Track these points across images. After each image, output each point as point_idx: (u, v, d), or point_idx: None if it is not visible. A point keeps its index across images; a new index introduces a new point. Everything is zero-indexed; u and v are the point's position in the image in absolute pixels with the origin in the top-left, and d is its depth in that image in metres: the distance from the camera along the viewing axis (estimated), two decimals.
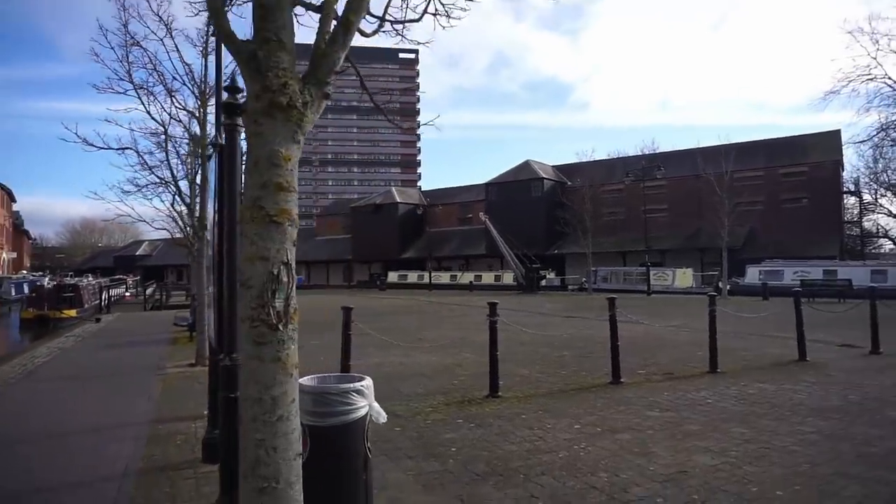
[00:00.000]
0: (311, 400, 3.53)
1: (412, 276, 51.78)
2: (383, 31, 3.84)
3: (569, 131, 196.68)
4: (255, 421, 2.43)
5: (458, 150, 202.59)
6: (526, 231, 45.63)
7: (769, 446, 5.41)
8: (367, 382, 3.71)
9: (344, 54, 2.78)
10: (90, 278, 42.20)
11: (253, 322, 2.45)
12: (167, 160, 10.75)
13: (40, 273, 56.66)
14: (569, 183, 47.99)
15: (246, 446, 2.46)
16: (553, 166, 52.90)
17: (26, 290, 34.63)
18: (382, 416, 3.82)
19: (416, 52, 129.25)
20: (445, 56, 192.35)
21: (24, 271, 62.21)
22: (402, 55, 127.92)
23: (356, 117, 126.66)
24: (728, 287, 30.43)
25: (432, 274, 49.12)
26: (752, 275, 33.24)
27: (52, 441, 6.27)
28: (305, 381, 3.75)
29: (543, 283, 42.63)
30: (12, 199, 70.08)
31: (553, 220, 45.26)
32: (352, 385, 3.60)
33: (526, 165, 51.30)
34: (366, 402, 3.64)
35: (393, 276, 52.90)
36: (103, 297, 29.88)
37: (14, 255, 69.69)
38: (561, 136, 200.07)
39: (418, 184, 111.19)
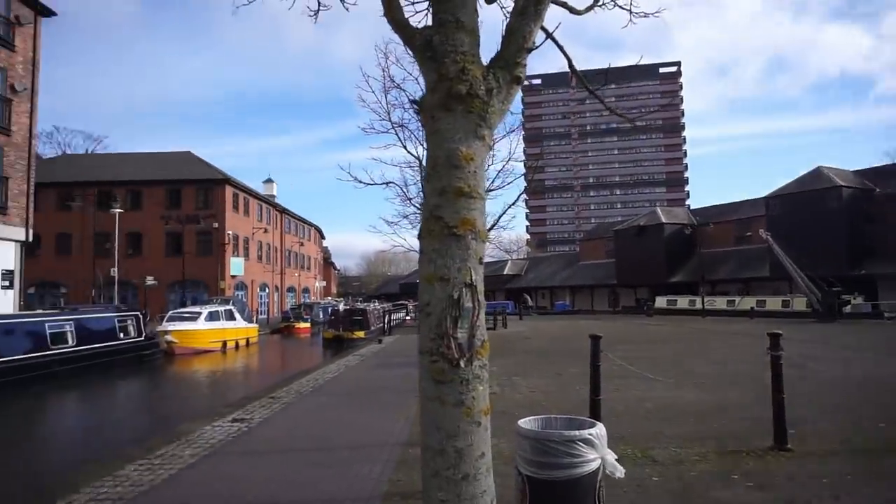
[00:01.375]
0: (530, 447, 3.00)
1: (682, 302, 47.86)
2: (601, 6, 3.22)
3: (872, 130, 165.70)
4: (436, 476, 2.00)
5: (731, 164, 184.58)
6: (819, 249, 38.85)
7: None
8: (599, 430, 3.05)
9: (537, 28, 2.25)
10: (376, 303, 47.68)
11: (432, 356, 2.03)
12: (423, 189, 11.33)
13: (340, 299, 65.94)
14: (877, 190, 39.82)
15: None
16: (853, 171, 44.49)
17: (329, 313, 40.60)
18: (619, 471, 3.11)
19: (677, 64, 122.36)
20: (712, 66, 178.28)
21: (329, 297, 73.17)
22: (662, 69, 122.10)
23: (616, 139, 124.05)
24: None
25: (705, 299, 44.73)
26: None
27: (315, 454, 6.73)
28: (526, 423, 3.23)
29: (847, 309, 35.69)
30: (322, 237, 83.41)
31: (857, 235, 37.78)
32: (577, 433, 2.97)
33: (817, 173, 43.96)
34: (596, 455, 2.97)
35: (661, 302, 49.56)
36: (386, 321, 33.30)
37: (324, 283, 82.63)
38: (860, 137, 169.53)
39: (686, 202, 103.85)
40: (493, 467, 3.99)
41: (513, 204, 12.15)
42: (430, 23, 2.26)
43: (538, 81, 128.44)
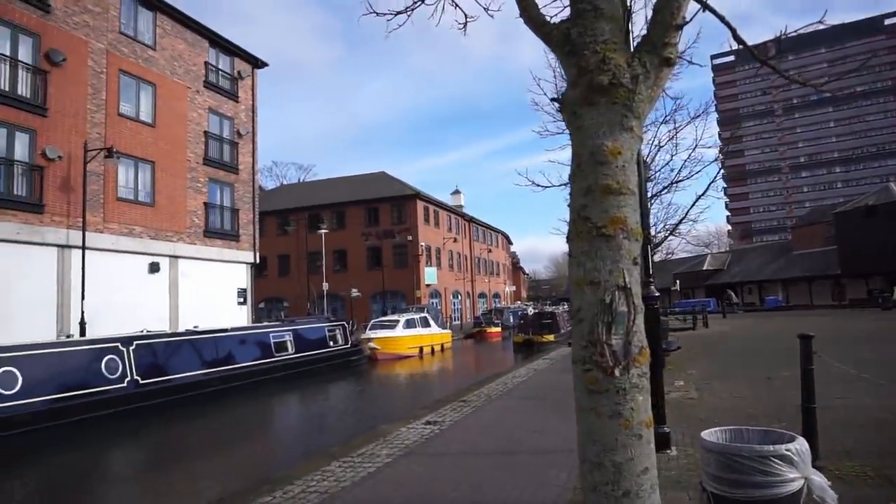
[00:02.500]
0: (714, 461, 2.73)
1: None
2: None
3: None
4: (595, 492, 1.89)
5: None
6: None
7: None
8: (799, 446, 2.67)
9: (686, 1, 2.06)
10: (565, 306, 47.05)
11: (585, 364, 1.94)
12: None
13: (529, 303, 66.21)
14: None
15: None
16: None
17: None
18: (830, 496, 2.69)
19: None
20: None
21: (519, 301, 73.84)
22: (888, 21, 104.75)
23: (832, 109, 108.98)
24: None
25: None
26: None
27: (501, 458, 6.79)
28: (711, 434, 2.95)
29: None
30: (509, 242, 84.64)
31: None
32: (772, 448, 2.63)
33: None
34: (797, 475, 2.61)
35: None
36: None
37: (513, 287, 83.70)
38: None
39: None
40: (687, 483, 3.67)
41: (703, 194, 11.22)
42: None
43: (731, 58, 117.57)
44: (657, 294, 6.79)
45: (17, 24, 17.91)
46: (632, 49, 2.15)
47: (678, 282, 58.41)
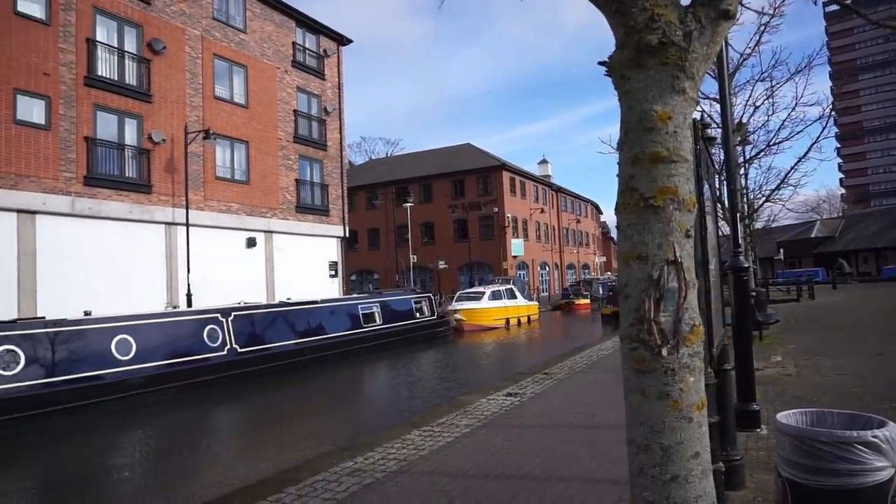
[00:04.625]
0: (790, 445, 2.56)
1: None
2: None
3: None
4: (641, 475, 1.82)
5: None
6: None
7: None
8: (889, 432, 2.44)
9: None
10: None
11: (632, 343, 1.85)
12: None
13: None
14: None
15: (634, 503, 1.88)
16: None
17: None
18: None
19: None
20: None
21: (609, 273, 72.09)
22: None
23: None
24: None
25: None
26: None
27: (579, 431, 6.71)
28: (788, 416, 2.77)
29: None
30: (599, 212, 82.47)
31: None
32: (856, 434, 2.42)
33: None
34: (886, 463, 2.39)
35: None
36: None
37: (603, 258, 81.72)
38: None
39: None
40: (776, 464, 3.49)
41: (804, 156, 10.32)
42: None
43: (848, 1, 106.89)
44: (746, 265, 6.39)
45: (121, 17, 19.15)
46: (686, 4, 1.99)
47: (782, 250, 54.89)
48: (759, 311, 14.08)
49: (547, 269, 56.75)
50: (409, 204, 39.35)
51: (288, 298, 19.08)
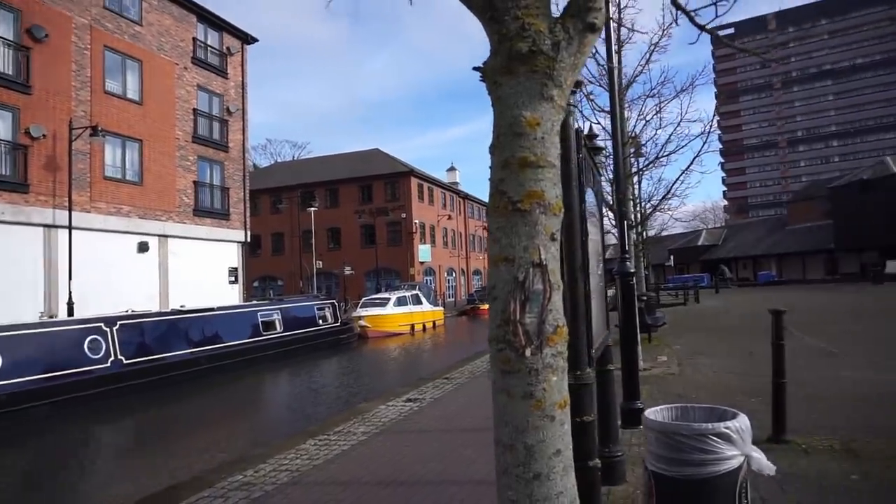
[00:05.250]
0: (656, 440, 2.69)
1: None
2: None
3: None
4: (506, 474, 1.85)
5: None
6: None
7: None
8: (739, 423, 2.63)
9: None
10: None
11: (498, 344, 1.88)
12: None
13: None
14: None
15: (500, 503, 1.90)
16: None
17: None
18: (768, 469, 2.66)
19: None
20: None
21: None
22: None
23: (831, 82, 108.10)
24: None
25: None
26: None
27: (475, 435, 6.77)
28: (655, 412, 2.91)
29: None
30: None
31: None
32: (710, 426, 2.59)
33: None
34: (736, 452, 2.57)
35: (893, 267, 42.54)
36: None
37: None
38: None
39: None
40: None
41: (686, 169, 11.08)
42: None
43: (731, 31, 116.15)
44: (633, 270, 6.74)
45: None
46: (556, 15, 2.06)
47: (672, 257, 58.50)
48: (649, 314, 14.91)
49: (454, 274, 57.40)
50: (313, 208, 38.56)
51: (182, 306, 18.13)
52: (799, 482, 4.52)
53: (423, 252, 48.69)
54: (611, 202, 10.17)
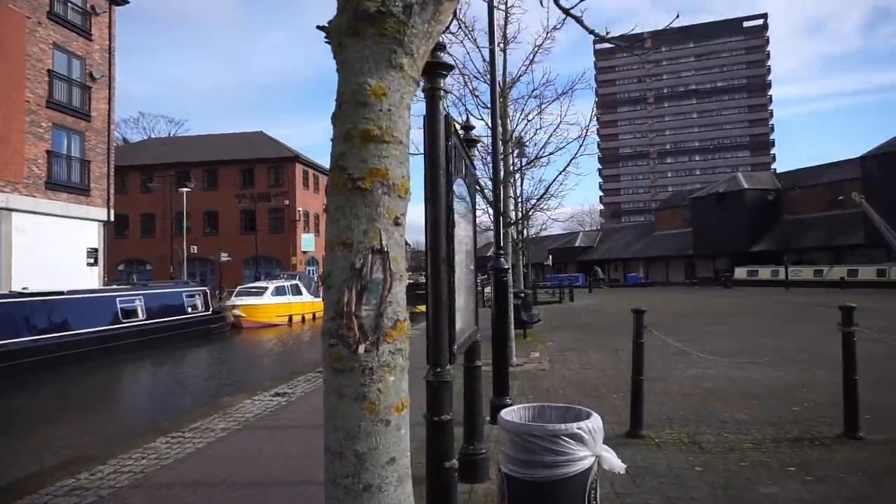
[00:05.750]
0: (510, 441, 2.59)
1: (764, 273, 45.22)
2: None
3: None
4: (334, 485, 1.63)
5: (823, 125, 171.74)
6: None
7: None
8: (592, 424, 2.59)
9: None
10: None
11: (331, 338, 1.66)
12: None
13: (409, 273, 66.45)
14: None
15: None
16: None
17: None
18: (619, 468, 2.64)
19: (763, 16, 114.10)
20: (803, 23, 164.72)
21: None
22: (746, 24, 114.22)
23: (695, 101, 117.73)
24: None
25: (789, 269, 42.03)
26: None
27: None
28: (510, 413, 2.82)
29: None
30: None
31: None
32: (563, 427, 2.52)
33: None
34: (587, 453, 2.52)
35: (741, 273, 47.05)
36: None
37: None
38: None
39: (772, 167, 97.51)
40: None
41: (563, 171, 11.41)
42: None
43: (611, 45, 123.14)
44: (507, 266, 6.77)
45: None
46: None
47: (551, 257, 61.08)
48: (525, 311, 15.32)
49: None
50: (186, 189, 36.21)
51: (24, 288, 16.23)
52: (650, 475, 4.70)
53: (307, 241, 47.37)
54: (490, 198, 10.28)
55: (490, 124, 10.76)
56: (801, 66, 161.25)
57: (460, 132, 3.62)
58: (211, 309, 22.44)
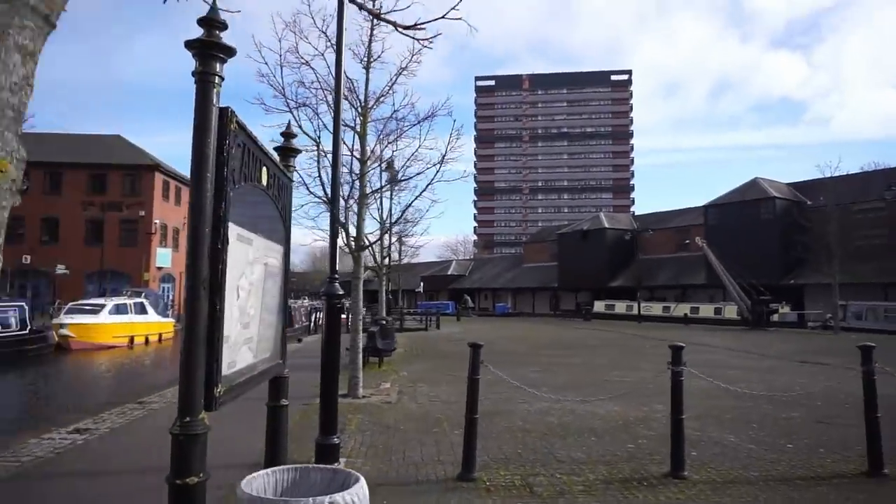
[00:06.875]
0: None
1: (620, 307, 48.13)
2: None
3: (806, 148, 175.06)
4: None
5: (676, 174, 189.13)
6: (753, 258, 39.62)
7: None
8: (356, 493, 2.05)
9: None
10: (305, 300, 45.87)
11: None
12: (319, 175, 10.17)
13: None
14: (808, 202, 40.77)
15: None
16: (787, 184, 45.59)
17: None
18: None
19: (629, 72, 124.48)
20: (661, 86, 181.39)
21: None
22: (613, 77, 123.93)
23: (566, 143, 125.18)
24: None
25: (642, 305, 45.05)
26: None
27: (130, 477, 5.59)
28: (264, 478, 2.22)
29: (775, 318, 36.46)
30: None
31: (788, 246, 38.93)
32: (328, 499, 1.97)
33: (753, 184, 44.85)
34: None
35: (599, 306, 49.74)
36: (313, 319, 31.81)
37: None
38: (796, 154, 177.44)
39: (631, 209, 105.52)
40: None
41: (417, 197, 11.16)
42: None
43: (492, 83, 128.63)
44: (341, 292, 6.20)
45: None
46: None
47: (423, 284, 61.24)
48: (382, 339, 14.76)
49: None
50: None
51: None
52: None
53: (163, 256, 43.88)
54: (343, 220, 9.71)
55: (359, 152, 10.24)
56: (659, 122, 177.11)
57: (248, 130, 3.02)
58: (29, 327, 19.68)
